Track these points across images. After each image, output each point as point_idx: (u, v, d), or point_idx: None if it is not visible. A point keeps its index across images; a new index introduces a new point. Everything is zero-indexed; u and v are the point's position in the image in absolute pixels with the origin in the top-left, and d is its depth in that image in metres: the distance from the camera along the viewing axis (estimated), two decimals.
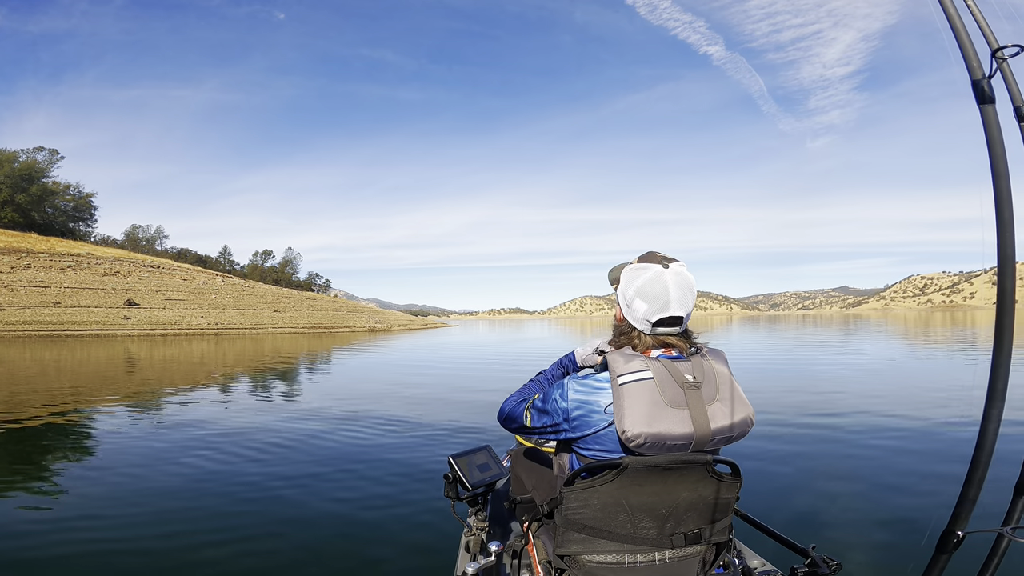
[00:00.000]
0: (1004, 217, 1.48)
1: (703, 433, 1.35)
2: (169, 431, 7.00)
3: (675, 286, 1.45)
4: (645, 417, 1.32)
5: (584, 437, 1.42)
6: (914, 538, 3.22)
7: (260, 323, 52.85)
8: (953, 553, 1.46)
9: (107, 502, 4.25)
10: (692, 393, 1.37)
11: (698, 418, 1.36)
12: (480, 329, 66.20)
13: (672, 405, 1.35)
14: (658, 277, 1.45)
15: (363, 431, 6.74)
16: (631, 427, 1.31)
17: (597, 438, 1.40)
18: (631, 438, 1.32)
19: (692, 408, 1.36)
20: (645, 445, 1.32)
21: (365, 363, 19.06)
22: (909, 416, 7.22)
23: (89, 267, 54.49)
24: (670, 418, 1.33)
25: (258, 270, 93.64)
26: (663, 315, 1.44)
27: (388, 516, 3.94)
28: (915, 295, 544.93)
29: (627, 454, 1.37)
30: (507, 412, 1.68)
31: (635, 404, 1.33)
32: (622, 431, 1.32)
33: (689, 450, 1.36)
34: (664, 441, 1.33)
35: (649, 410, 1.33)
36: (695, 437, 1.35)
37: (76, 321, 43.11)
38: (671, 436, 1.33)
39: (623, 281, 1.54)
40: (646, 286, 1.46)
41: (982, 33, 1.54)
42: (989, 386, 1.40)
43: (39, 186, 69.98)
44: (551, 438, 1.53)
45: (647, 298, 1.45)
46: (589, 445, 1.42)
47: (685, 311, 1.46)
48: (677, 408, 1.35)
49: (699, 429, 1.35)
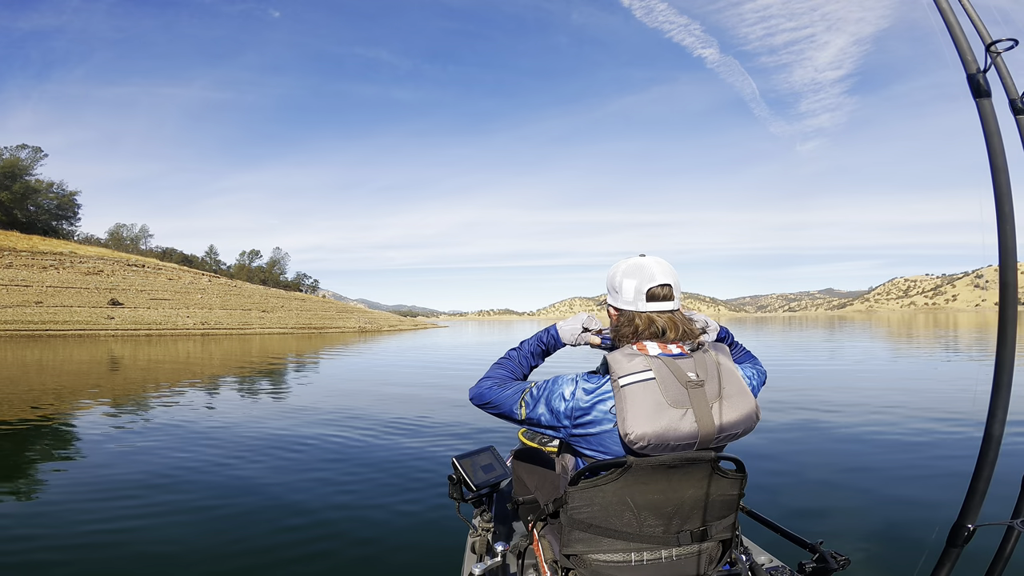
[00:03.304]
0: (1004, 210, 1.49)
1: (708, 432, 1.34)
2: (167, 432, 6.88)
3: (655, 263, 1.56)
4: (648, 418, 1.31)
5: (586, 436, 1.41)
6: (923, 532, 3.22)
7: (248, 323, 52.29)
8: (964, 546, 1.46)
9: (89, 501, 4.17)
10: (695, 392, 1.36)
11: (702, 417, 1.34)
12: (470, 330, 66.09)
13: (675, 405, 1.33)
14: (638, 260, 1.59)
15: (363, 432, 6.67)
16: (634, 429, 1.30)
17: (601, 439, 1.39)
18: (634, 440, 1.31)
19: (696, 407, 1.34)
20: (649, 447, 1.31)
21: (360, 364, 18.91)
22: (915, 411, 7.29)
23: (72, 266, 53.53)
24: (674, 418, 1.32)
25: (245, 270, 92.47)
26: (651, 284, 1.51)
27: (393, 517, 3.91)
28: (898, 297, 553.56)
29: (630, 455, 1.35)
30: (489, 398, 1.58)
31: (637, 405, 1.32)
32: (625, 433, 1.31)
33: (694, 448, 1.34)
34: (668, 442, 1.32)
35: (652, 411, 1.31)
36: (699, 436, 1.34)
37: (58, 321, 42.34)
38: (675, 436, 1.32)
39: (609, 278, 1.62)
40: (629, 268, 1.57)
41: (975, 28, 1.55)
42: (994, 379, 1.41)
43: (22, 184, 68.61)
44: (547, 432, 1.51)
45: (632, 274, 1.54)
46: (592, 446, 1.41)
47: (672, 280, 1.54)
48: (680, 408, 1.33)
49: (704, 428, 1.34)
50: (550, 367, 1.69)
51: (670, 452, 1.33)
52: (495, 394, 1.57)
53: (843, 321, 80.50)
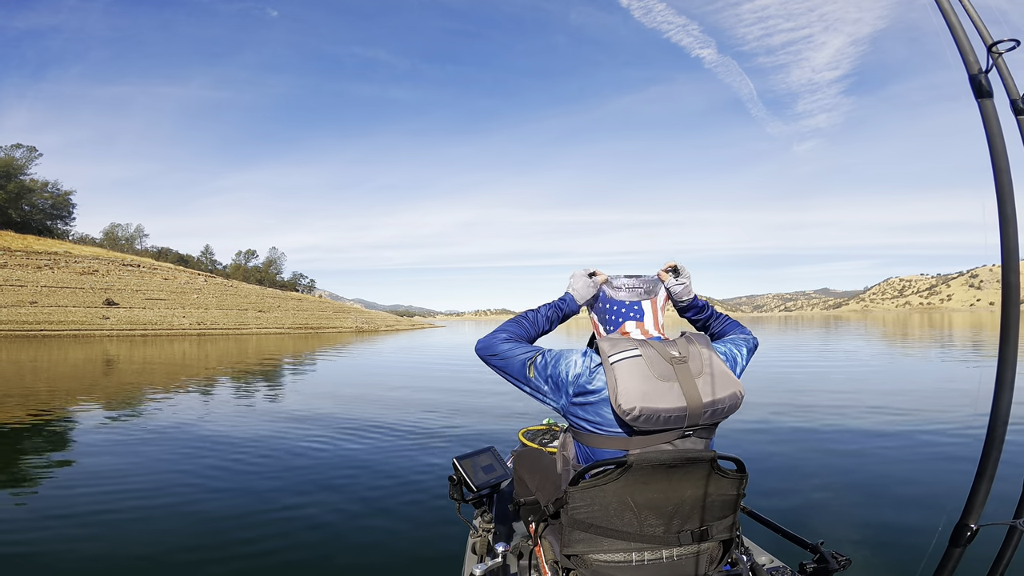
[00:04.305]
0: (1006, 212, 1.49)
1: (695, 405, 1.39)
2: (161, 433, 6.86)
3: None
4: (638, 391, 1.36)
5: (584, 406, 1.46)
6: (925, 533, 3.20)
7: (244, 323, 52.11)
8: (967, 546, 1.46)
9: (84, 501, 4.14)
10: (680, 367, 1.43)
11: (688, 390, 1.40)
12: (467, 329, 66.01)
13: (662, 379, 1.40)
14: None
15: (363, 433, 6.65)
16: (625, 401, 1.36)
17: (597, 409, 1.44)
18: (626, 411, 1.35)
19: (682, 381, 1.41)
20: (641, 418, 1.36)
21: (358, 364, 18.88)
22: (917, 411, 7.29)
23: (67, 266, 53.21)
24: (661, 391, 1.38)
25: (241, 270, 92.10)
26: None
27: (393, 518, 3.90)
28: (894, 297, 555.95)
29: (624, 430, 1.41)
30: (498, 350, 1.61)
31: (627, 379, 1.38)
32: (617, 405, 1.37)
33: (684, 423, 1.40)
34: (659, 414, 1.37)
35: (641, 384, 1.37)
36: (688, 409, 1.39)
37: (53, 321, 42.10)
38: (665, 409, 1.37)
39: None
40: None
41: (977, 29, 1.55)
42: (997, 378, 1.41)
43: (16, 183, 68.16)
44: (545, 400, 1.54)
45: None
46: (588, 415, 1.46)
47: None
48: (668, 382, 1.40)
49: (691, 401, 1.39)
50: None
51: (661, 425, 1.38)
52: (506, 348, 1.61)
53: (839, 321, 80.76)
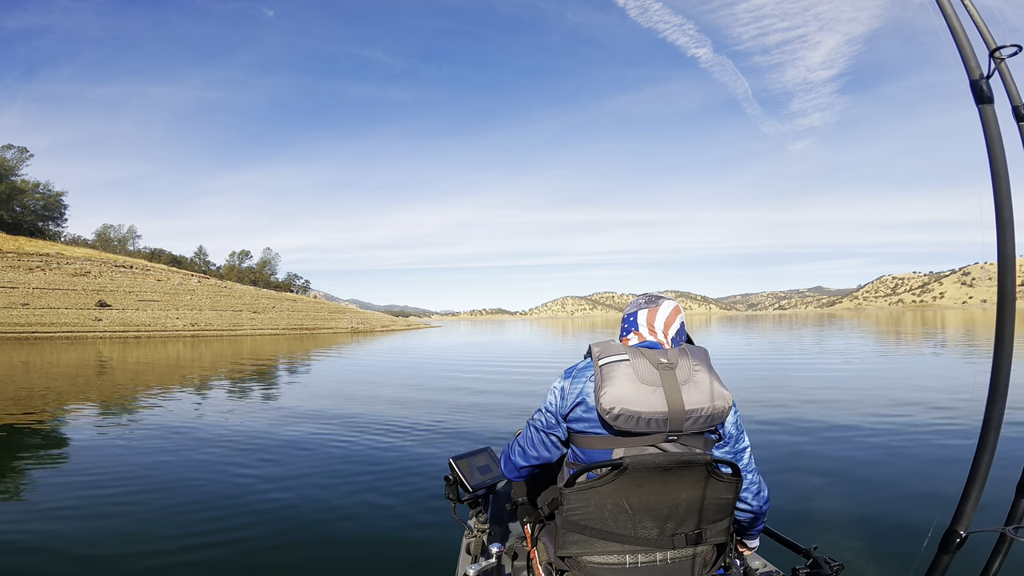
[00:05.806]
0: (1004, 217, 1.49)
1: (677, 410, 1.41)
2: (155, 435, 6.81)
3: None
4: (620, 393, 1.40)
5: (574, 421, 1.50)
6: (916, 539, 3.23)
7: (239, 324, 51.85)
8: (956, 553, 1.46)
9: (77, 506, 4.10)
10: (666, 373, 1.44)
11: (672, 396, 1.41)
12: (463, 330, 65.99)
13: (645, 383, 1.42)
14: None
15: (361, 433, 6.65)
16: (607, 401, 1.39)
17: (588, 409, 1.48)
18: (607, 410, 1.39)
19: (666, 387, 1.42)
20: (620, 418, 1.39)
21: (355, 365, 18.85)
22: (909, 416, 7.30)
23: (59, 267, 52.80)
24: (643, 394, 1.40)
25: (235, 271, 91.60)
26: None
27: (388, 518, 3.91)
28: (887, 295, 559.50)
29: (610, 431, 1.44)
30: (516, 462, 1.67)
31: (612, 381, 1.42)
32: (599, 404, 1.41)
33: (667, 427, 1.41)
34: (639, 415, 1.39)
35: (623, 385, 1.41)
36: (669, 415, 1.40)
37: (45, 323, 41.75)
38: (646, 412, 1.39)
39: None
40: None
41: (980, 33, 1.55)
42: (991, 385, 1.41)
43: (7, 184, 67.55)
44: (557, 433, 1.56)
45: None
46: (580, 416, 1.49)
47: None
48: (651, 386, 1.42)
49: (673, 407, 1.40)
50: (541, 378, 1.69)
51: (643, 427, 1.40)
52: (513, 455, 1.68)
53: (833, 319, 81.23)
